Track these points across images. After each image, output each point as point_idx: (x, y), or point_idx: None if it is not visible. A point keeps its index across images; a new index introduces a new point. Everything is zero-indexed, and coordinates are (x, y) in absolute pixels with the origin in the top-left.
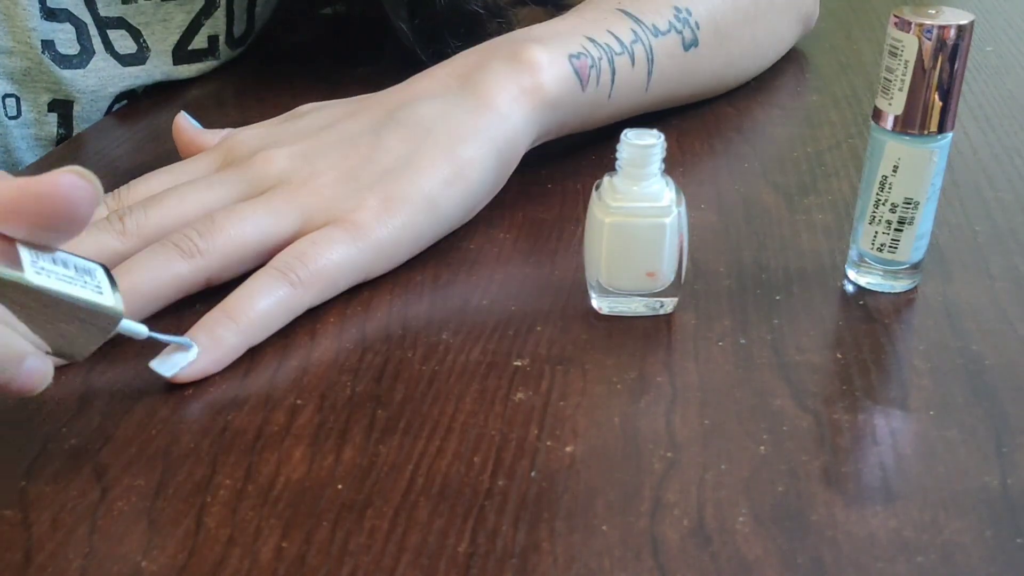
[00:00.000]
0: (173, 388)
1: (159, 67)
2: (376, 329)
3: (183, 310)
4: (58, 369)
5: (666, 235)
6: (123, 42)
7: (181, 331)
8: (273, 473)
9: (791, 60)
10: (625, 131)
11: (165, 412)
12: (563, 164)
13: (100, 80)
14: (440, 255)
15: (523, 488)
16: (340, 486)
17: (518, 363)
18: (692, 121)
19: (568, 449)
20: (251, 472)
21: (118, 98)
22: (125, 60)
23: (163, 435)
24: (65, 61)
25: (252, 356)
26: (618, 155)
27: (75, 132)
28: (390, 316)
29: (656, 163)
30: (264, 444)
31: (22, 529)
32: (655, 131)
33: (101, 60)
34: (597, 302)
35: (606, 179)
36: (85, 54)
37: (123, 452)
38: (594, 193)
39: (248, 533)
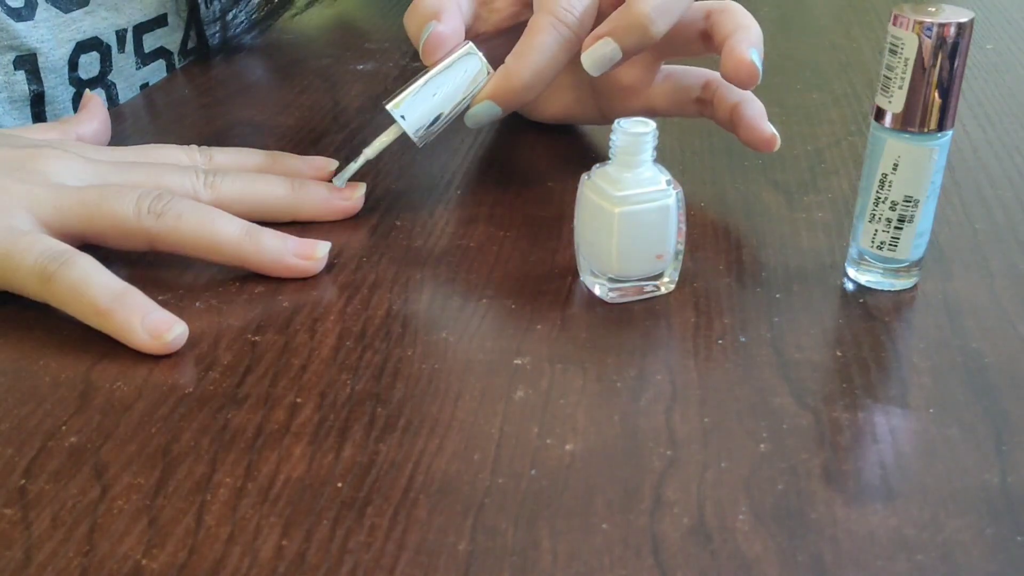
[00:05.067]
0: (173, 386)
1: (104, 8)
2: (376, 327)
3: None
4: (58, 367)
5: (671, 215)
6: None
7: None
8: (273, 471)
9: (791, 58)
10: (618, 120)
11: (165, 410)
12: (562, 162)
13: (50, 30)
14: (440, 253)
15: (523, 486)
16: (340, 484)
17: (518, 361)
18: (692, 119)
19: (568, 447)
20: (251, 470)
21: (82, 48)
22: (66, 6)
23: (163, 433)
24: (15, 14)
25: (252, 354)
26: (612, 143)
27: (46, 87)
28: (390, 314)
29: (649, 151)
30: (264, 442)
31: (22, 527)
32: (648, 119)
33: (44, 11)
34: (603, 292)
35: (596, 169)
36: (30, 5)
37: (123, 450)
38: (586, 186)
39: (248, 531)
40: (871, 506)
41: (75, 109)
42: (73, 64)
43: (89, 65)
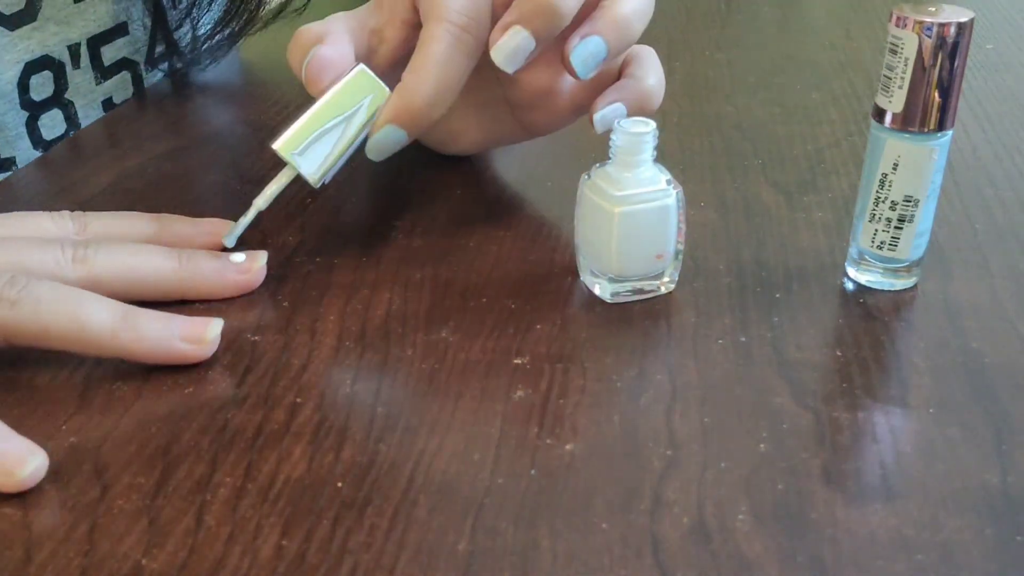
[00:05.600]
0: (173, 386)
1: (54, 22)
2: (376, 327)
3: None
4: (57, 368)
5: (671, 215)
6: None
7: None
8: (273, 471)
9: (791, 58)
10: (618, 120)
11: (165, 410)
12: (562, 162)
13: None
14: (440, 253)
15: (523, 486)
16: (340, 484)
17: (518, 361)
18: (692, 119)
19: (568, 447)
20: (251, 470)
21: (32, 68)
22: (11, 23)
23: (163, 433)
24: None
25: (252, 354)
26: (612, 143)
27: None
28: (390, 314)
29: (649, 150)
30: (264, 442)
31: (22, 527)
32: (648, 119)
33: None
34: (603, 292)
35: (596, 169)
36: None
37: (123, 450)
38: (586, 186)
39: (248, 531)
40: (871, 506)
41: (29, 135)
42: (24, 86)
43: (41, 86)
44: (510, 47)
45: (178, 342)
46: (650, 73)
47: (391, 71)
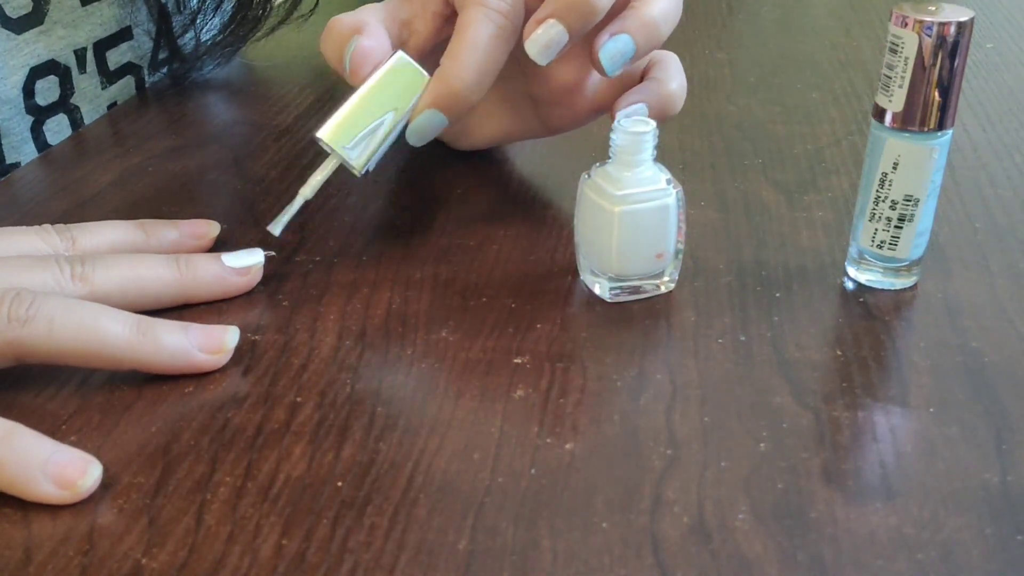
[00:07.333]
0: (173, 386)
1: (61, 26)
2: (376, 326)
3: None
4: (56, 367)
5: (671, 214)
6: (16, 1)
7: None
8: (273, 470)
9: (791, 58)
10: (619, 119)
11: (165, 409)
12: (563, 161)
13: (1, 53)
14: (440, 252)
15: (523, 485)
16: (340, 483)
17: (518, 360)
18: (692, 118)
19: (568, 446)
20: (251, 469)
21: (37, 73)
22: (18, 27)
23: (163, 432)
24: None
25: (252, 353)
26: (612, 143)
27: None
28: (390, 313)
29: (649, 150)
30: (264, 441)
31: (22, 527)
32: (648, 118)
33: None
34: (603, 291)
35: (596, 169)
36: None
37: (123, 449)
38: (586, 185)
39: (248, 530)
40: (871, 505)
41: (34, 140)
42: (29, 91)
43: (47, 91)
44: (544, 40)
45: (196, 352)
46: (673, 77)
47: (421, 63)
